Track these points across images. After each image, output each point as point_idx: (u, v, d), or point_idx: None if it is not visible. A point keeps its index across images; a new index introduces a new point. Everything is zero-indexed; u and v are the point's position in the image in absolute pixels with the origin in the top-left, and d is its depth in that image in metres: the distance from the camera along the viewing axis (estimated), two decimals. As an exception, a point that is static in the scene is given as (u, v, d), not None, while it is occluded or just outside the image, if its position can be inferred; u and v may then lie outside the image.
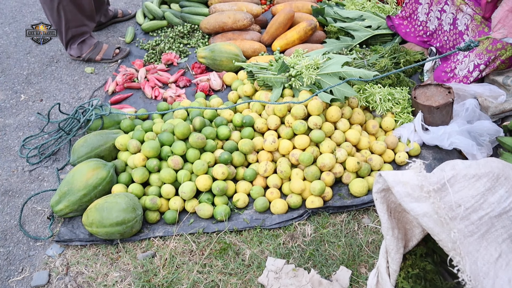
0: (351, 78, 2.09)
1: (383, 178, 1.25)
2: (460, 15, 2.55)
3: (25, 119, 2.74)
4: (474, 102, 2.35)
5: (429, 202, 1.20)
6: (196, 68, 2.86)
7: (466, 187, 1.24)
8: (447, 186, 1.24)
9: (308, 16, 3.07)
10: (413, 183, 1.20)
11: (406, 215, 1.40)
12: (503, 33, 2.04)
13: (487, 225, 1.26)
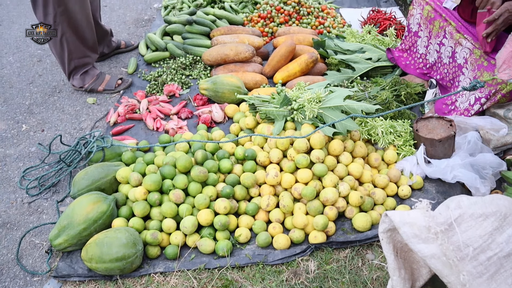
0: (354, 114, 2.09)
1: (389, 218, 1.23)
2: (458, 49, 2.58)
3: (26, 150, 2.73)
4: (476, 135, 2.35)
5: (437, 243, 1.18)
6: (198, 99, 2.87)
7: (473, 226, 1.22)
8: (454, 225, 1.22)
9: (309, 49, 3.11)
10: (420, 224, 1.18)
11: (413, 255, 1.38)
12: (509, 74, 2.06)
13: (496, 266, 1.23)
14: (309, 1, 3.81)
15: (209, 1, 3.96)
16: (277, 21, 3.64)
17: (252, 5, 4.01)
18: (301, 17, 3.67)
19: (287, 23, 3.65)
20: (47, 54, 3.77)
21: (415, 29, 2.91)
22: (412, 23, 2.92)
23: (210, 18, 3.52)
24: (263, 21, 3.66)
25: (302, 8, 3.68)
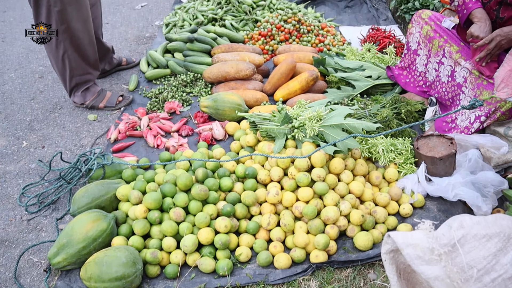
0: (355, 134, 2.09)
1: (392, 239, 1.22)
2: (458, 68, 2.60)
3: (26, 166, 2.72)
4: (477, 153, 2.35)
5: (441, 265, 1.17)
6: (198, 117, 2.88)
7: (477, 247, 1.21)
8: (457, 246, 1.21)
9: (310, 67, 3.13)
10: (423, 246, 1.17)
11: (416, 276, 1.36)
12: (507, 92, 2.08)
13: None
14: (309, 20, 3.85)
15: (210, 19, 4.00)
16: (277, 39, 3.67)
17: (252, 23, 4.05)
18: (301, 35, 3.70)
19: (287, 41, 3.67)
20: (48, 71, 3.79)
21: (414, 47, 2.93)
22: (412, 42, 2.94)
23: (211, 36, 3.54)
24: (264, 39, 3.69)
25: (302, 26, 3.71)
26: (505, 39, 2.24)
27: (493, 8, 2.37)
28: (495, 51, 2.30)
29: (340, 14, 4.56)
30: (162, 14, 4.86)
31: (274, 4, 4.21)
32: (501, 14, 2.34)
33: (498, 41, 2.25)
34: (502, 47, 2.27)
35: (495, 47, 2.28)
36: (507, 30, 2.25)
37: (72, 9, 2.75)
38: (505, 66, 2.11)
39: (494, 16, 2.38)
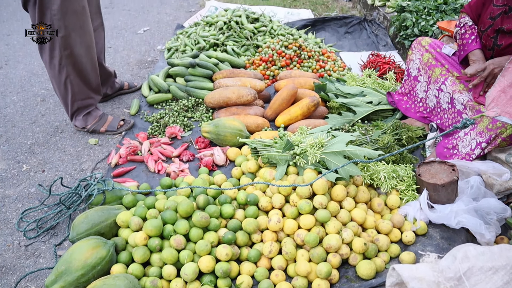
0: (357, 160, 2.08)
1: (397, 272, 1.21)
2: (456, 95, 2.62)
3: (26, 191, 2.71)
4: (479, 180, 2.34)
5: (447, 299, 1.15)
6: (200, 142, 2.88)
7: (483, 280, 1.20)
8: (463, 279, 1.19)
9: (311, 92, 3.15)
10: (429, 279, 1.15)
11: (421, 309, 1.34)
12: (496, 111, 2.11)
13: (507, 322, 1.20)
14: (310, 45, 3.89)
15: (211, 44, 4.05)
16: (278, 64, 3.71)
17: (254, 48, 4.09)
18: (302, 61, 3.73)
19: (288, 66, 3.71)
20: (50, 94, 3.81)
21: (415, 73, 2.96)
22: (412, 68, 2.97)
23: (213, 61, 3.57)
24: (265, 64, 3.73)
25: (303, 52, 3.75)
26: (498, 67, 2.33)
27: (491, 35, 2.42)
28: (489, 79, 2.38)
29: (340, 40, 4.62)
30: (164, 38, 4.92)
31: (275, 30, 4.27)
32: (499, 41, 2.39)
33: (491, 69, 2.34)
34: (495, 75, 2.34)
35: (489, 75, 2.36)
36: (499, 59, 2.35)
37: (76, 35, 2.78)
38: (496, 86, 2.14)
39: (492, 44, 2.42)
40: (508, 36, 2.34)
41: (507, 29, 2.32)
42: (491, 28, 2.41)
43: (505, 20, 2.35)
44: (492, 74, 2.35)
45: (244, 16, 4.33)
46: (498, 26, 2.37)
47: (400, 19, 4.19)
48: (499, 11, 2.38)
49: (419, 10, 4.15)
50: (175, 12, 5.87)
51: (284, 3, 5.87)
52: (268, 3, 5.83)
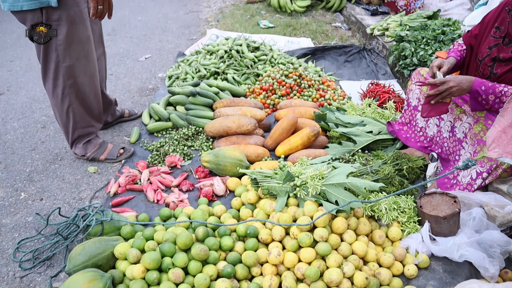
0: (358, 200, 2.07)
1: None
2: (458, 124, 2.62)
3: (23, 219, 2.68)
4: (481, 211, 2.32)
5: None
6: (199, 172, 2.87)
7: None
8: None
9: (311, 122, 3.16)
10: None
11: None
12: (498, 152, 2.11)
13: None
14: (310, 74, 3.92)
15: (212, 73, 4.08)
16: (278, 93, 3.73)
17: (254, 77, 4.12)
18: (302, 90, 3.76)
19: (288, 95, 3.73)
20: (51, 121, 3.82)
21: (414, 103, 2.97)
22: (411, 98, 2.99)
23: (213, 90, 3.60)
24: (265, 93, 3.75)
25: (303, 81, 3.78)
26: (457, 86, 2.35)
27: (488, 64, 2.47)
28: (445, 94, 2.40)
29: (340, 68, 4.67)
30: (165, 66, 4.97)
31: (276, 59, 4.31)
32: (495, 70, 2.43)
33: (450, 86, 2.36)
34: (452, 93, 2.38)
35: (445, 91, 2.39)
36: (460, 78, 2.37)
37: (80, 64, 2.80)
38: (496, 126, 2.15)
39: (489, 72, 2.46)
40: (504, 64, 2.39)
41: (503, 58, 2.37)
42: (488, 57, 2.46)
43: (502, 49, 2.40)
44: (449, 91, 2.37)
45: (245, 45, 4.39)
46: (495, 54, 2.42)
47: (399, 49, 4.24)
48: (496, 42, 2.43)
49: (417, 40, 4.20)
50: (177, 39, 5.95)
51: (285, 32, 5.95)
52: (268, 32, 5.91)
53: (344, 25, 6.27)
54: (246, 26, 6.25)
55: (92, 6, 2.51)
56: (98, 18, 2.59)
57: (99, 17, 2.59)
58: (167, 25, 6.62)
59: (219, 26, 6.35)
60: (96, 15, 2.56)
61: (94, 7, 2.52)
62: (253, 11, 7.06)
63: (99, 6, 2.53)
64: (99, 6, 2.53)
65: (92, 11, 2.54)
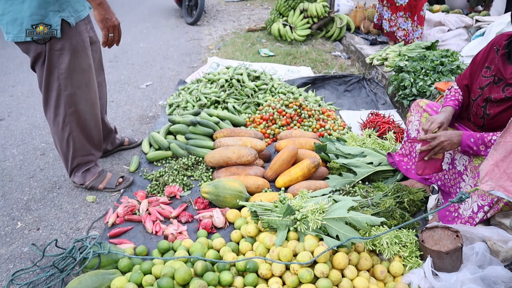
0: (359, 238, 2.05)
1: None
2: (458, 156, 2.62)
3: (18, 250, 2.64)
4: (484, 246, 2.29)
5: None
6: (199, 203, 2.84)
7: None
8: None
9: (311, 153, 3.15)
10: None
11: None
12: (491, 185, 2.12)
13: None
14: (310, 104, 3.94)
15: (212, 101, 4.10)
16: (279, 123, 3.74)
17: (254, 106, 4.14)
18: (303, 120, 3.77)
19: (288, 125, 3.74)
20: (50, 148, 3.81)
21: (414, 135, 2.97)
22: (411, 129, 2.99)
23: (214, 120, 3.60)
24: (265, 123, 3.75)
25: (304, 111, 3.79)
26: (448, 141, 2.39)
27: (481, 105, 2.49)
28: (437, 149, 2.43)
29: (340, 98, 4.69)
30: (166, 94, 4.99)
31: (276, 88, 4.34)
32: (488, 110, 2.44)
33: (441, 141, 2.39)
34: (444, 148, 2.41)
35: (437, 146, 2.42)
36: (450, 133, 2.40)
37: (81, 92, 2.81)
38: (489, 160, 2.15)
39: (482, 112, 2.48)
40: (496, 105, 2.41)
41: (494, 99, 2.39)
42: (480, 97, 2.49)
43: (493, 89, 2.42)
44: (441, 146, 2.40)
45: (245, 74, 4.43)
46: (486, 95, 2.44)
47: (398, 79, 4.28)
48: (487, 81, 2.46)
49: (416, 71, 4.24)
50: (178, 67, 6.00)
51: (285, 60, 6.01)
52: (269, 60, 5.98)
53: (343, 54, 6.34)
54: (247, 54, 6.32)
55: (103, 34, 2.56)
56: (108, 46, 2.64)
57: (109, 44, 2.64)
58: (169, 52, 6.69)
59: (220, 54, 6.43)
60: (106, 43, 2.61)
61: (105, 35, 2.57)
62: (254, 40, 7.16)
63: (110, 34, 2.58)
64: (109, 34, 2.58)
65: (103, 39, 2.59)
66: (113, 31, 2.59)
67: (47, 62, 2.61)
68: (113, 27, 2.57)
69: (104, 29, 2.54)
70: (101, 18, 2.50)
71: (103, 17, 2.50)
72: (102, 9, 2.47)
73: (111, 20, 2.54)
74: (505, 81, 2.36)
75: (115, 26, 2.59)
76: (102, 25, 2.52)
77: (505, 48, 2.39)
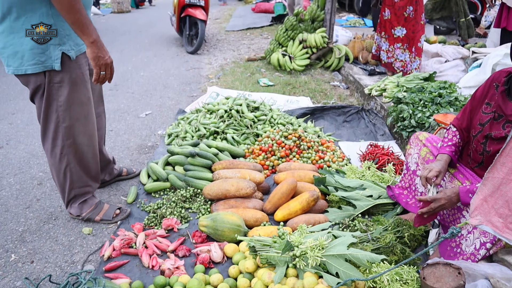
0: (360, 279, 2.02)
1: None
2: (456, 192, 2.60)
3: (11, 284, 2.58)
4: (487, 284, 2.24)
5: None
6: (197, 236, 2.80)
7: None
8: None
9: (310, 186, 3.13)
10: None
11: None
12: (480, 220, 2.11)
13: None
14: (309, 136, 3.94)
15: (211, 132, 4.11)
16: (278, 154, 3.73)
17: (253, 136, 4.14)
18: (302, 151, 3.76)
19: (287, 157, 3.73)
20: (48, 177, 3.78)
21: (414, 167, 2.96)
22: (410, 162, 2.98)
23: (213, 151, 3.60)
24: (264, 154, 3.74)
25: (303, 143, 3.79)
26: (448, 202, 2.41)
27: (481, 141, 2.49)
28: (438, 210, 2.47)
29: (339, 129, 4.70)
30: (165, 123, 5.00)
31: (275, 119, 4.36)
32: (488, 147, 2.44)
33: (442, 203, 2.41)
34: (444, 207, 2.44)
35: (438, 207, 2.44)
36: (449, 193, 2.41)
37: (79, 124, 2.81)
38: (478, 194, 2.15)
39: (482, 149, 2.48)
40: (496, 142, 2.40)
41: (495, 136, 2.39)
42: (480, 133, 2.48)
43: (494, 126, 2.42)
44: (441, 207, 2.43)
45: (244, 104, 4.45)
46: (487, 132, 2.44)
47: (397, 110, 4.30)
48: (488, 117, 2.46)
49: (415, 102, 4.27)
50: (178, 96, 6.04)
51: (284, 90, 6.06)
52: (268, 90, 6.02)
53: (342, 84, 6.40)
54: (246, 84, 6.37)
55: (95, 72, 2.56)
56: (100, 83, 2.65)
57: (101, 82, 2.64)
58: (169, 81, 6.74)
59: (220, 83, 6.48)
60: (97, 81, 2.61)
61: (97, 73, 2.57)
62: (253, 69, 7.23)
63: (102, 72, 2.58)
64: (101, 72, 2.58)
65: (94, 77, 2.59)
66: (105, 69, 2.59)
67: (46, 94, 2.62)
68: (105, 65, 2.57)
69: (96, 67, 2.54)
70: (94, 56, 2.50)
71: (96, 55, 2.50)
72: (95, 47, 2.48)
73: (104, 58, 2.54)
74: (506, 118, 2.36)
75: (108, 64, 2.58)
76: (95, 63, 2.52)
77: (504, 84, 2.41)
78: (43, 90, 2.62)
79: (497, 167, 2.06)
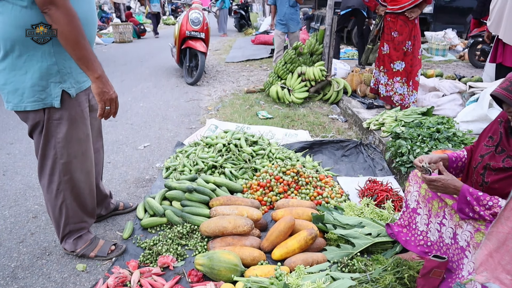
0: None
1: None
2: (459, 231, 2.56)
3: (1, 323, 2.51)
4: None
5: None
6: (192, 275, 2.75)
7: None
8: None
9: (308, 224, 3.09)
10: None
11: None
12: (486, 276, 2.07)
13: None
14: (308, 171, 3.93)
15: (209, 166, 4.09)
16: (276, 190, 3.70)
17: (252, 171, 4.13)
18: (300, 187, 3.74)
19: (285, 192, 3.70)
20: (43, 210, 3.74)
21: (413, 205, 2.93)
22: (410, 200, 2.96)
23: (210, 187, 3.58)
24: (262, 190, 3.72)
25: (301, 178, 3.77)
26: (443, 187, 2.45)
27: (480, 172, 2.52)
28: (431, 188, 2.53)
29: (338, 163, 4.69)
30: (164, 156, 4.98)
31: (274, 153, 4.35)
32: (486, 178, 2.47)
33: (437, 185, 2.46)
34: (437, 189, 2.49)
35: (432, 187, 2.51)
36: (450, 181, 2.43)
37: (77, 161, 2.80)
38: (483, 249, 2.12)
39: (481, 180, 2.50)
40: (494, 173, 2.42)
41: (493, 167, 2.42)
42: (480, 164, 2.52)
43: (494, 158, 2.46)
44: (435, 187, 2.49)
45: (243, 139, 4.45)
46: (486, 162, 2.47)
47: (395, 146, 4.30)
48: (488, 150, 2.51)
49: (413, 137, 4.27)
50: (176, 128, 6.05)
51: (283, 123, 6.08)
52: (267, 123, 6.05)
53: (341, 117, 6.43)
54: (245, 116, 6.40)
55: (100, 107, 2.57)
56: (104, 118, 2.65)
57: (105, 117, 2.64)
58: (168, 113, 6.77)
59: (219, 115, 6.51)
60: (103, 115, 2.61)
61: (102, 108, 2.57)
62: (252, 101, 7.28)
63: (107, 107, 2.59)
64: (106, 107, 2.58)
65: (99, 112, 2.59)
66: (110, 104, 2.60)
67: (44, 131, 2.62)
68: (110, 100, 2.58)
69: (101, 102, 2.54)
70: (99, 92, 2.51)
71: (101, 91, 2.51)
72: (100, 82, 2.49)
73: (109, 94, 2.55)
74: (507, 153, 2.41)
75: (112, 99, 2.59)
76: (99, 98, 2.52)
77: (508, 122, 2.47)
78: (42, 127, 2.62)
79: (502, 221, 2.03)
